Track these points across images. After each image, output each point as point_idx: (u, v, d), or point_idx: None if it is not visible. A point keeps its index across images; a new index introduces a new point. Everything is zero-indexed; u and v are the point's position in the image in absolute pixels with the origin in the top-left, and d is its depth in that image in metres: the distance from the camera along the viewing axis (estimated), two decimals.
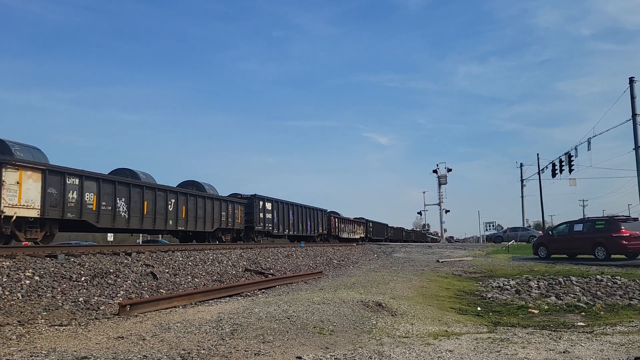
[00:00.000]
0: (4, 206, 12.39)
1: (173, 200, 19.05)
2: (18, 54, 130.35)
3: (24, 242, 14.10)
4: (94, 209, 15.13)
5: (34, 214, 13.23)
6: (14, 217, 12.67)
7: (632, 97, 24.75)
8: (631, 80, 24.89)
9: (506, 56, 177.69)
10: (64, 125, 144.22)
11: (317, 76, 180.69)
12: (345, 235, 38.42)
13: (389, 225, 58.50)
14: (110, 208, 15.77)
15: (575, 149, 34.62)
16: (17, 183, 12.72)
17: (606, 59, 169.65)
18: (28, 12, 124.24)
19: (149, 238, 38.67)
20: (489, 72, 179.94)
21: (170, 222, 18.89)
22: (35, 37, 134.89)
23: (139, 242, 37.01)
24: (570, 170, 36.46)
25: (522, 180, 53.48)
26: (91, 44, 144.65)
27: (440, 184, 61.72)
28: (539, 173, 46.56)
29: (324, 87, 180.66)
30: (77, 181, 14.54)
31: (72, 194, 14.38)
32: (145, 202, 17.45)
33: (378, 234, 49.96)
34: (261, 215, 25.92)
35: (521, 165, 53.99)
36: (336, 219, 36.95)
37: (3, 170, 12.33)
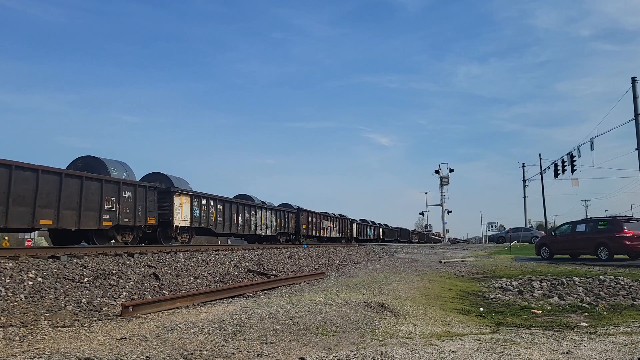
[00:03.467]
0: (176, 219, 18.58)
1: (258, 211, 25.85)
2: (19, 56, 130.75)
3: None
4: (213, 220, 21.45)
5: (188, 223, 19.50)
6: (178, 226, 19.04)
7: (635, 97, 24.69)
8: (634, 80, 24.81)
9: (506, 57, 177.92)
10: (65, 127, 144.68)
11: (317, 77, 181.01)
12: (362, 237, 44.74)
13: (396, 227, 61.16)
14: (221, 219, 22.07)
15: (578, 149, 34.61)
16: (179, 204, 18.95)
17: (606, 59, 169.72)
18: (29, 14, 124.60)
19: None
20: (488, 72, 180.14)
21: (254, 227, 25.46)
22: (35, 39, 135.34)
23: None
24: (573, 171, 36.45)
25: (524, 181, 53.41)
26: (92, 46, 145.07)
27: (442, 185, 61.67)
28: (541, 173, 46.54)
29: (324, 89, 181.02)
30: (204, 201, 20.77)
31: (204, 209, 20.73)
32: (239, 215, 23.95)
33: (388, 235, 54.93)
34: (306, 222, 32.85)
35: (523, 165, 53.96)
36: (354, 224, 43.42)
37: (174, 197, 18.59)
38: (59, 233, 15.12)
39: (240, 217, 23.62)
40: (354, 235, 41.90)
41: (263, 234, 26.16)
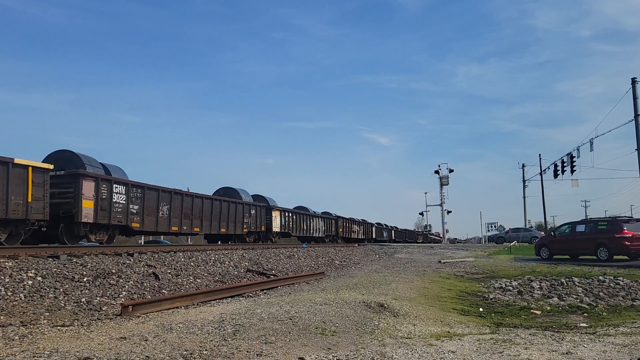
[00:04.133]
0: (274, 227, 27.69)
1: (313, 219, 34.22)
2: (19, 56, 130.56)
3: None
4: (291, 226, 30.19)
5: (279, 229, 28.51)
6: (275, 232, 27.98)
7: (635, 98, 24.67)
8: (634, 81, 24.80)
9: (506, 57, 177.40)
10: (65, 126, 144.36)
11: (317, 77, 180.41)
12: (379, 238, 50.15)
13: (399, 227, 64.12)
14: (295, 225, 30.67)
15: (578, 149, 34.62)
16: (275, 216, 28.09)
17: (606, 59, 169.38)
18: (29, 14, 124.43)
19: (150, 239, 38.62)
20: (488, 72, 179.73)
21: (311, 231, 33.65)
22: (35, 39, 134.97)
23: (141, 243, 36.91)
24: (572, 171, 36.47)
25: (524, 181, 53.42)
26: (92, 46, 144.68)
27: (442, 185, 61.81)
28: (541, 174, 46.53)
29: (324, 88, 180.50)
30: (286, 214, 29.70)
31: (286, 219, 29.70)
32: (303, 222, 32.49)
33: (398, 237, 58.96)
34: (342, 226, 40.48)
35: (523, 165, 53.97)
36: (373, 227, 49.70)
37: (273, 211, 27.86)
38: (210, 236, 23.70)
39: (304, 224, 32.47)
40: (373, 236, 47.97)
41: (316, 235, 34.40)
